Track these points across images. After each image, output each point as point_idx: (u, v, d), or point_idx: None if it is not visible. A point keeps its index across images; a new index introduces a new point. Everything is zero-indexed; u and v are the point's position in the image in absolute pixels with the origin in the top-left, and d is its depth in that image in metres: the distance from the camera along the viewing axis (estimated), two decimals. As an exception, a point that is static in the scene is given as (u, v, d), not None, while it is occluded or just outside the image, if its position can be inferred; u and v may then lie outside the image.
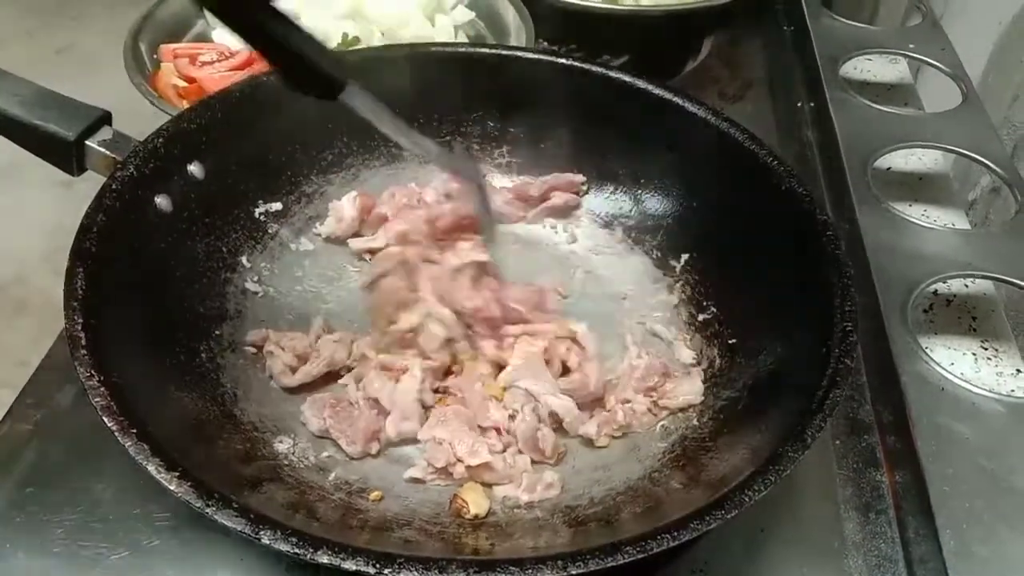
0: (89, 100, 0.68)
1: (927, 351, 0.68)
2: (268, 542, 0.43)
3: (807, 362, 0.56)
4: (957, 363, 0.71)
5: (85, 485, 0.61)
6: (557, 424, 0.63)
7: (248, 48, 0.59)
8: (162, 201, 0.65)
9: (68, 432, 0.65)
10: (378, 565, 0.42)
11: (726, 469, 0.53)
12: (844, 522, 0.62)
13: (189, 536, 0.59)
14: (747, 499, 0.46)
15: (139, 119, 0.66)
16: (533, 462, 0.61)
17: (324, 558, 0.42)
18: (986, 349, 0.74)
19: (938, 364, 0.67)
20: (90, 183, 0.60)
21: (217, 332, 0.66)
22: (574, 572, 0.42)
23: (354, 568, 0.42)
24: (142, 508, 0.60)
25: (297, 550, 0.42)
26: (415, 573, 0.42)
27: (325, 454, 0.61)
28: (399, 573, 0.42)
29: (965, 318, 0.77)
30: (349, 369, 0.66)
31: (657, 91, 0.74)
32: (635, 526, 0.49)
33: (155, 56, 0.96)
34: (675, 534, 0.44)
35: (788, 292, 0.63)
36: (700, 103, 0.72)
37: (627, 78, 0.75)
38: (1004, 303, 0.80)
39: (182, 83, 0.93)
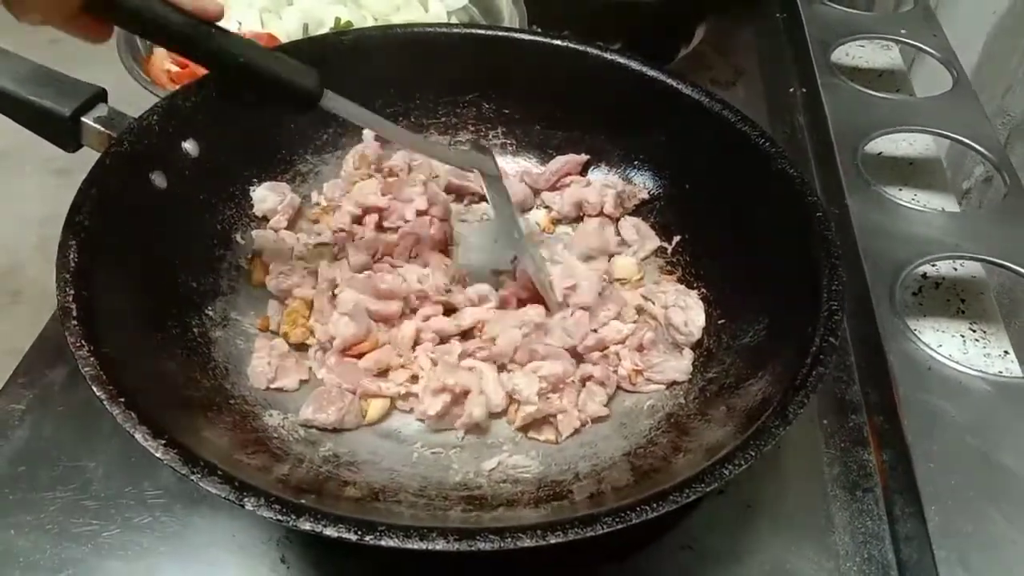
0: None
1: (915, 332, 0.69)
2: (251, 508, 0.43)
3: (793, 340, 0.56)
4: (945, 345, 0.72)
5: (77, 463, 0.62)
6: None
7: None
8: (156, 177, 0.65)
9: (60, 410, 0.65)
10: (360, 532, 0.42)
11: (710, 445, 0.54)
12: (831, 500, 0.62)
13: (181, 513, 0.59)
14: (727, 472, 0.46)
15: (135, 110, 0.66)
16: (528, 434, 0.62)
17: (306, 525, 0.42)
18: (974, 331, 0.74)
19: (926, 345, 0.68)
20: (84, 172, 0.61)
21: (210, 308, 0.66)
22: (553, 541, 0.42)
23: (336, 535, 0.42)
24: (134, 486, 0.60)
25: (280, 516, 0.43)
26: (396, 540, 0.42)
27: (315, 428, 0.61)
28: (380, 540, 0.42)
29: (954, 300, 0.77)
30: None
31: (651, 72, 0.74)
32: (619, 499, 0.49)
33: (148, 42, 0.96)
34: (654, 506, 0.44)
35: (777, 272, 0.64)
36: (692, 84, 0.73)
37: (621, 59, 0.75)
38: (994, 287, 0.80)
39: (175, 68, 0.94)
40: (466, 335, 0.68)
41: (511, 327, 0.65)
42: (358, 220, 0.75)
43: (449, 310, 0.69)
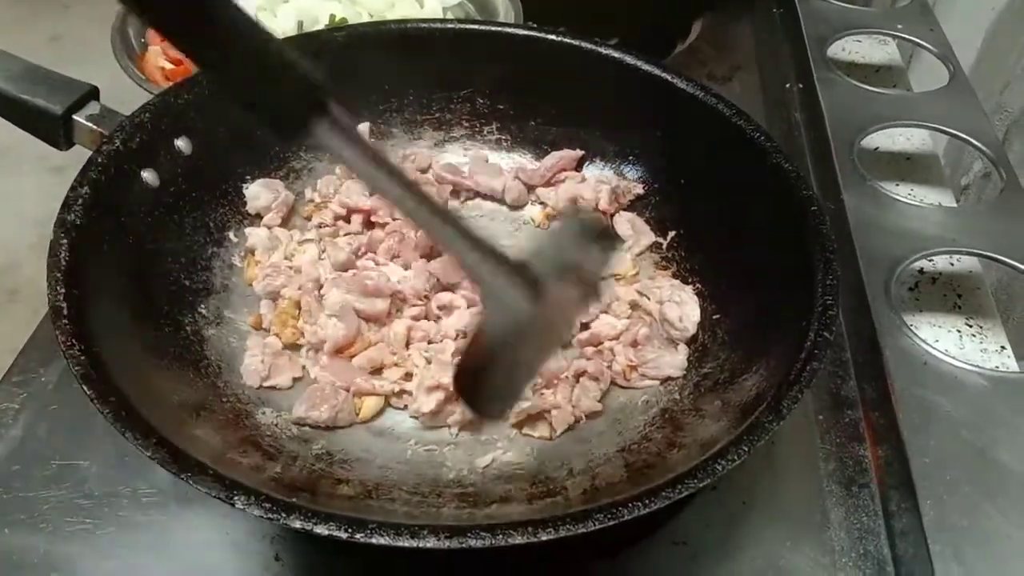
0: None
1: (911, 328, 0.68)
2: (241, 507, 0.43)
3: (788, 335, 0.56)
4: (942, 340, 0.72)
5: (71, 462, 0.62)
6: None
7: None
8: (148, 175, 0.65)
9: (54, 409, 0.65)
10: (350, 530, 0.42)
11: (704, 440, 0.54)
12: (827, 496, 0.62)
13: (176, 511, 0.59)
14: (720, 468, 0.46)
15: (130, 107, 0.66)
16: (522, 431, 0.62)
17: (297, 523, 0.42)
18: (971, 326, 0.74)
19: (922, 340, 0.67)
20: (82, 169, 0.61)
21: (203, 306, 0.66)
22: (545, 538, 0.42)
23: (326, 533, 0.42)
24: (128, 484, 0.60)
25: (270, 515, 0.43)
26: (386, 538, 0.42)
27: (308, 426, 0.61)
28: (371, 538, 0.42)
29: (950, 296, 0.77)
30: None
31: (646, 67, 0.74)
32: (612, 496, 0.49)
33: (143, 39, 0.96)
34: (647, 501, 0.44)
35: (772, 267, 0.63)
36: (688, 79, 0.72)
37: (615, 54, 0.75)
38: (991, 282, 0.80)
39: (169, 65, 0.94)
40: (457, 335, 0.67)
41: None
42: (343, 219, 0.75)
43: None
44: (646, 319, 0.69)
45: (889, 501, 0.61)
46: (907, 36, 1.02)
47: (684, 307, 0.67)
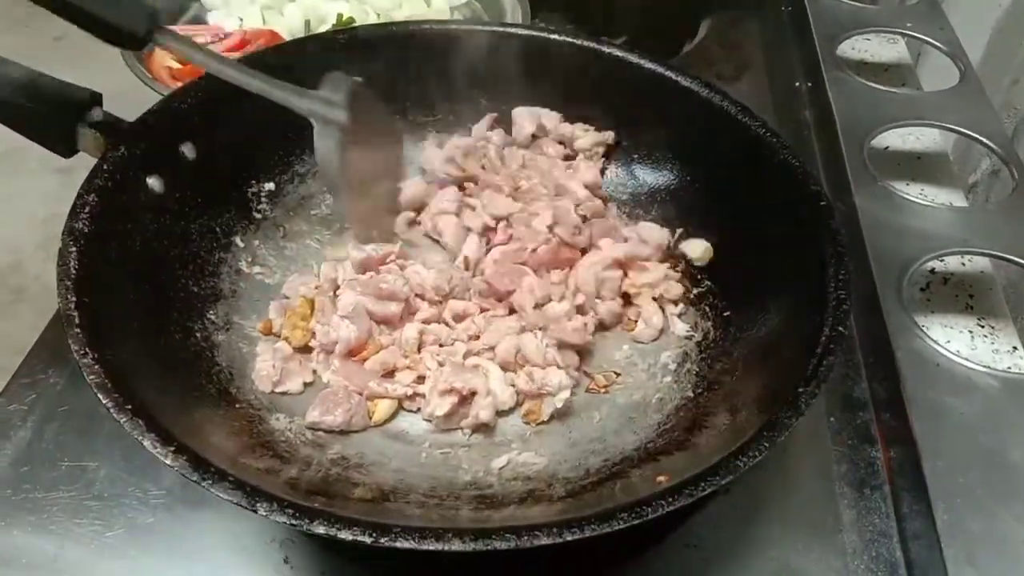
0: (88, 87, 0.68)
1: (923, 328, 0.68)
2: (264, 513, 0.43)
3: (801, 331, 0.56)
4: (953, 341, 0.71)
5: (80, 463, 0.62)
6: None
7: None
8: (154, 181, 0.65)
9: (62, 411, 0.65)
10: (374, 535, 0.42)
11: (721, 439, 0.53)
12: (839, 498, 0.62)
13: (184, 514, 0.59)
14: (742, 464, 0.46)
15: (136, 107, 0.66)
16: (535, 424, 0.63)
17: (320, 528, 0.42)
18: (983, 327, 0.73)
19: (934, 341, 0.67)
20: (88, 171, 0.60)
21: (212, 312, 0.66)
22: (569, 538, 0.42)
23: (351, 538, 0.42)
24: (137, 486, 0.60)
25: (293, 521, 0.42)
26: (411, 542, 0.42)
27: (322, 431, 0.61)
28: (395, 542, 0.42)
29: (962, 296, 0.76)
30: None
31: (651, 66, 0.74)
32: (629, 495, 0.49)
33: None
34: (670, 499, 0.44)
35: (782, 263, 0.63)
36: (694, 77, 0.72)
37: (620, 53, 0.75)
38: (1002, 282, 0.79)
39: (176, 64, 0.94)
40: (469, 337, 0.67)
41: (508, 334, 0.65)
42: None
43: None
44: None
45: (901, 503, 0.60)
46: (917, 35, 1.01)
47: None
